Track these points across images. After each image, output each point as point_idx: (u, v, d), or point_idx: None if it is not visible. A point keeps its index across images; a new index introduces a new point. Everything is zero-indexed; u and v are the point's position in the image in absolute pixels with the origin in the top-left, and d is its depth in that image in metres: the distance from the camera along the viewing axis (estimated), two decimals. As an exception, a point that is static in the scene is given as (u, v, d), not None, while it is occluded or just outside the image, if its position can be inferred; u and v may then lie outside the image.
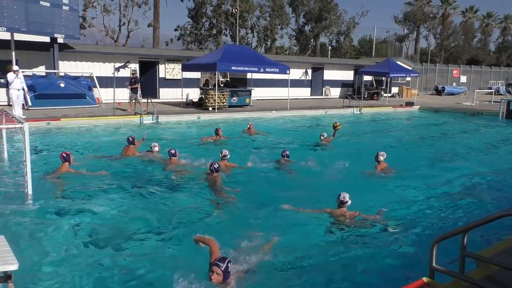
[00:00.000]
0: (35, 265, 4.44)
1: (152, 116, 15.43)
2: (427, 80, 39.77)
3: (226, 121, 16.49)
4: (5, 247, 3.38)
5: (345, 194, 5.99)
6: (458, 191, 7.96)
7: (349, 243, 5.39)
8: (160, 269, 4.53)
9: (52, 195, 6.69)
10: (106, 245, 5.10)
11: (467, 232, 3.52)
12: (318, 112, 20.53)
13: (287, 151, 9.36)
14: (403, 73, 27.01)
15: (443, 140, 14.47)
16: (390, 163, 8.94)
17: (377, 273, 4.68)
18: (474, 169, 9.69)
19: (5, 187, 6.70)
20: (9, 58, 15.93)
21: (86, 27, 34.91)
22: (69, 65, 19.18)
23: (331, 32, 45.48)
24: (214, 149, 10.67)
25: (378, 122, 19.17)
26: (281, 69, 19.64)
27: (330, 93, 29.72)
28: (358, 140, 13.57)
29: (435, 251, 3.63)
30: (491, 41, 61.89)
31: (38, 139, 11.16)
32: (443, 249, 3.70)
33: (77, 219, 5.79)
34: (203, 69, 20.54)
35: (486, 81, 44.14)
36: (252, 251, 4.77)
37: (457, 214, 6.70)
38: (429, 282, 3.61)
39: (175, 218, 6.01)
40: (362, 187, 7.69)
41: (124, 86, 20.45)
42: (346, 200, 5.96)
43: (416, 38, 52.74)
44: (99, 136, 12.52)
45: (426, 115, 22.02)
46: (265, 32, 41.77)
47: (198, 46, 39.96)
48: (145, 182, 7.65)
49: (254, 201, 6.76)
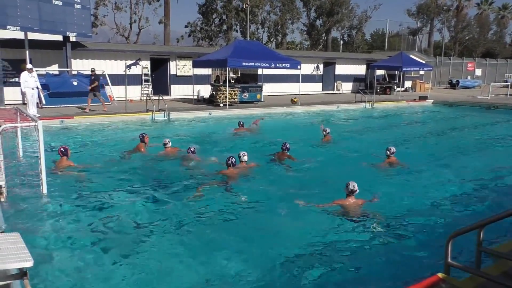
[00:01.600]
0: (50, 262, 4.49)
1: (164, 113, 15.50)
2: (441, 74, 39.20)
3: (238, 117, 16.49)
4: (20, 244, 3.42)
5: (354, 183, 6.13)
6: (473, 186, 7.82)
7: (362, 237, 5.34)
8: (173, 264, 4.56)
9: (67, 192, 6.75)
10: (121, 242, 5.14)
11: (484, 228, 3.45)
12: (330, 107, 20.39)
13: (287, 144, 9.16)
14: (417, 67, 26.65)
15: (457, 134, 14.26)
16: (402, 158, 8.83)
17: (391, 268, 4.64)
18: (489, 164, 9.52)
19: (20, 185, 6.79)
20: (23, 57, 16.14)
21: (98, 25, 35.23)
22: (81, 63, 19.36)
23: (343, 26, 45.09)
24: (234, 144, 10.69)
25: (391, 117, 18.96)
26: (292, 64, 19.52)
27: (342, 88, 29.49)
28: (369, 135, 13.44)
29: (450, 247, 3.57)
30: (506, 33, 60.79)
31: (52, 137, 11.29)
32: (457, 246, 3.64)
33: (92, 216, 5.84)
34: (214, 65, 20.53)
35: (502, 74, 43.28)
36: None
37: (472, 209, 6.59)
38: (444, 278, 3.55)
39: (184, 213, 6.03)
40: (373, 182, 7.62)
41: (136, 83, 20.62)
42: (356, 188, 6.11)
43: (429, 31, 51.97)
44: (111, 134, 12.63)
45: (440, 109, 21.71)
46: (276, 27, 41.61)
47: (209, 42, 40.01)
48: (160, 179, 7.70)
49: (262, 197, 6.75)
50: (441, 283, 3.51)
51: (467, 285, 3.47)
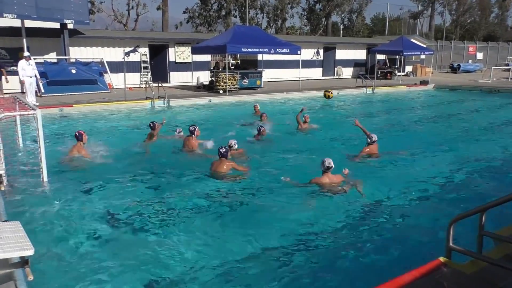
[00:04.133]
0: (50, 250, 4.50)
1: (163, 100, 15.42)
2: (442, 58, 38.88)
3: (239, 104, 16.43)
4: (21, 233, 3.42)
5: (329, 160, 6.16)
6: (475, 170, 7.80)
7: (361, 221, 5.36)
8: (175, 253, 4.57)
9: (67, 181, 6.74)
10: (122, 230, 5.15)
11: (485, 212, 3.44)
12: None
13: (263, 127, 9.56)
14: (417, 51, 26.44)
15: (458, 118, 14.20)
16: (403, 143, 8.76)
17: (392, 252, 4.64)
18: (491, 148, 9.50)
19: (20, 174, 6.78)
20: (21, 46, 16.01)
21: (95, 12, 34.85)
22: (79, 51, 19.21)
23: (343, 11, 44.65)
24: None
25: (391, 101, 18.86)
26: (292, 50, 19.35)
27: (342, 73, 29.30)
28: (370, 120, 13.38)
29: (452, 231, 3.57)
30: (508, 16, 60.13)
31: (52, 126, 11.26)
32: (459, 230, 3.63)
33: (93, 205, 5.84)
34: (213, 51, 20.35)
35: (504, 57, 42.94)
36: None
37: (474, 193, 6.59)
38: (446, 262, 3.56)
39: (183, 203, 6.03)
40: (366, 167, 7.61)
41: (135, 70, 20.46)
42: (332, 165, 6.13)
43: (430, 15, 51.39)
44: (111, 121, 12.59)
45: (441, 94, 21.59)
46: (275, 12, 41.16)
47: (208, 28, 39.65)
48: (161, 168, 7.65)
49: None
50: (443, 267, 3.51)
51: (469, 268, 3.47)
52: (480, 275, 3.40)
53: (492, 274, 3.39)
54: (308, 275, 4.21)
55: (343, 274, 4.28)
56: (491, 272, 3.40)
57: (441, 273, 3.44)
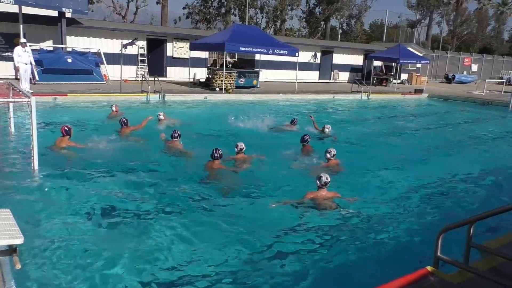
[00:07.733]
0: (40, 239, 4.47)
1: (159, 95, 15.36)
2: (437, 68, 39.17)
3: (235, 102, 16.40)
4: (10, 221, 3.38)
5: (326, 175, 5.96)
6: (464, 181, 7.88)
7: (349, 231, 5.35)
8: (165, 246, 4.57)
9: (58, 170, 6.69)
10: (112, 221, 5.14)
11: (474, 223, 3.48)
12: (326, 96, 20.34)
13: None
14: (414, 60, 26.62)
15: (450, 129, 14.32)
16: (394, 151, 8.77)
17: (380, 260, 4.67)
18: (481, 160, 9.60)
19: (12, 161, 6.72)
20: (17, 32, 15.83)
21: (94, 2, 34.60)
22: (76, 41, 19.04)
23: (342, 15, 44.73)
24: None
25: (386, 108, 18.98)
26: (290, 51, 19.38)
27: (339, 78, 29.40)
28: (363, 127, 13.45)
29: (440, 241, 3.60)
30: (505, 29, 60.76)
31: (45, 114, 11.15)
32: (447, 240, 3.67)
33: (83, 194, 5.81)
34: (211, 48, 20.32)
35: (498, 70, 43.38)
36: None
37: (463, 205, 6.64)
38: (433, 271, 3.59)
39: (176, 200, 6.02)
40: (356, 174, 7.63)
41: (132, 63, 20.34)
42: (329, 180, 5.91)
43: (428, 24, 51.70)
44: (104, 113, 12.48)
45: (435, 103, 21.77)
46: (275, 12, 41.14)
47: (207, 25, 39.52)
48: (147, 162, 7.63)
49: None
50: (430, 276, 3.55)
51: (455, 279, 3.51)
52: (466, 285, 3.44)
53: (478, 285, 3.44)
54: (295, 283, 4.18)
55: (331, 282, 4.29)
56: (478, 283, 3.45)
57: (428, 282, 3.47)
